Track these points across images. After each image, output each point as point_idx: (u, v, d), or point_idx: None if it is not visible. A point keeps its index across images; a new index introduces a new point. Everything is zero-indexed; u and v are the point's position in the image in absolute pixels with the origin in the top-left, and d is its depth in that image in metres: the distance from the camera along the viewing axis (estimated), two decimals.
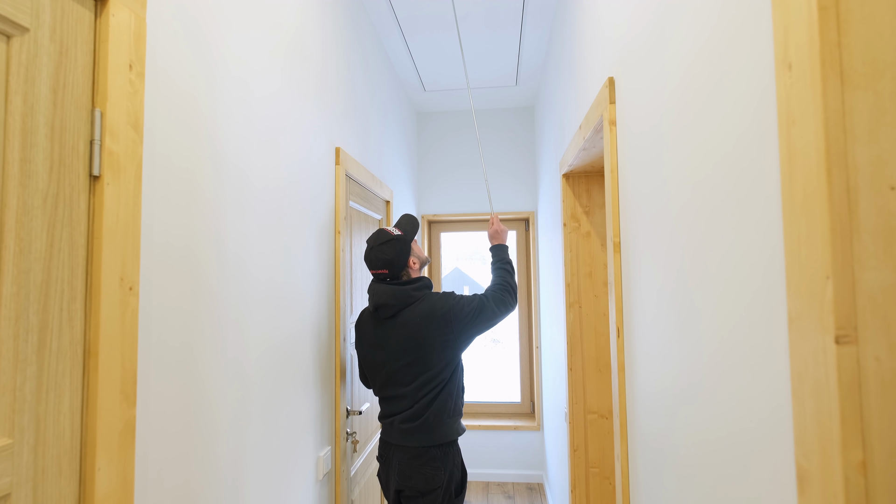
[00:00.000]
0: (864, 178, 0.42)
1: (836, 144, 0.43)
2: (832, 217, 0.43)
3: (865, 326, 0.42)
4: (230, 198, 1.10)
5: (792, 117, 0.47)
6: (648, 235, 1.01)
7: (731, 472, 0.66)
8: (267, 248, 1.28)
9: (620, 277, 1.22)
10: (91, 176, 0.72)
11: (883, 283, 0.42)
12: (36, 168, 0.64)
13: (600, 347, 2.07)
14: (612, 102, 1.25)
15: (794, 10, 0.47)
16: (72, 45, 0.69)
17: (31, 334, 0.63)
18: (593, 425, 2.05)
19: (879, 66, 0.43)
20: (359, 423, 2.04)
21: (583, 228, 2.12)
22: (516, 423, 3.55)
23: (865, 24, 0.43)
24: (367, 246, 1.71)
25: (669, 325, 0.90)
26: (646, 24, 1.00)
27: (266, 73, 1.29)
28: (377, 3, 2.32)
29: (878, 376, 0.41)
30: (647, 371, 1.04)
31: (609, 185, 1.25)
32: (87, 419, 0.70)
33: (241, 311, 1.14)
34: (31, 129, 0.63)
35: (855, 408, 0.41)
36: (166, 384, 0.87)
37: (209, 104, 1.02)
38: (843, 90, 0.43)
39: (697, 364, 0.78)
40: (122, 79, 0.76)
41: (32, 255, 0.63)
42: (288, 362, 1.40)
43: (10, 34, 0.61)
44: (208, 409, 0.99)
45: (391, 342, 1.63)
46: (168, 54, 0.89)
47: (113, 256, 0.73)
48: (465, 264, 12.81)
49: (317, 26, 1.70)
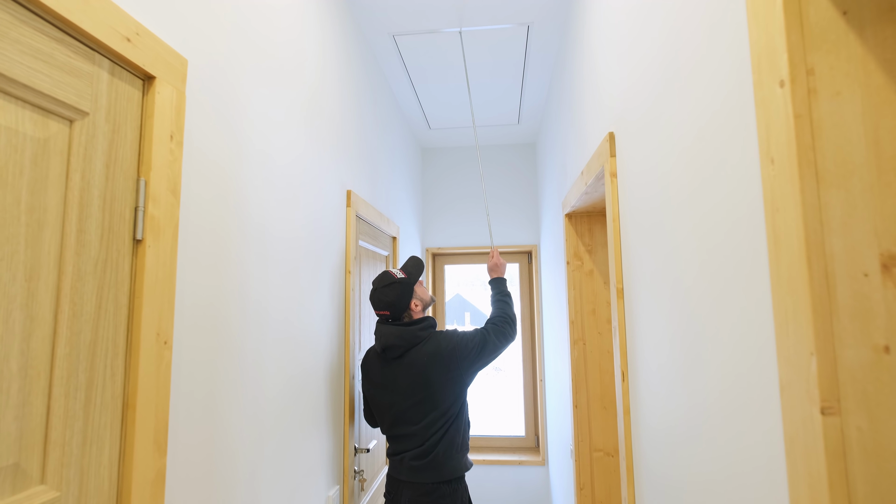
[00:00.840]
0: (840, 265, 0.48)
1: (814, 234, 0.49)
2: (813, 298, 0.48)
3: (847, 399, 0.46)
4: (254, 252, 1.16)
5: (776, 205, 0.53)
6: (652, 289, 1.06)
7: None
8: (284, 293, 1.33)
9: (624, 322, 1.27)
10: (134, 240, 0.78)
11: (861, 361, 0.47)
12: (90, 237, 0.70)
13: (605, 385, 2.09)
14: (612, 156, 1.32)
15: (774, 112, 0.53)
16: (123, 122, 0.77)
17: (80, 391, 0.68)
18: (599, 463, 2.06)
19: (849, 167, 0.49)
20: (366, 461, 2.05)
21: (586, 267, 2.18)
22: (521, 457, 3.53)
23: (836, 130, 0.49)
24: (372, 287, 1.77)
25: (673, 372, 0.94)
26: (645, 97, 1.08)
27: (286, 130, 1.37)
28: (387, 53, 2.43)
29: (860, 445, 0.46)
30: (651, 413, 1.08)
31: (611, 234, 1.31)
32: (123, 469, 0.74)
33: (261, 353, 1.18)
34: (87, 202, 0.69)
35: (841, 473, 0.46)
36: (192, 433, 0.91)
37: (235, 170, 1.09)
38: (819, 186, 0.49)
39: (699, 410, 0.82)
40: (164, 148, 0.83)
41: (83, 317, 0.68)
42: (300, 400, 1.43)
43: (73, 119, 0.68)
44: (228, 454, 1.03)
45: (399, 382, 1.67)
46: (197, 127, 0.96)
47: (151, 313, 0.79)
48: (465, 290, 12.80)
49: (333, 81, 1.79)
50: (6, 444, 0.58)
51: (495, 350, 1.71)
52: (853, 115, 0.49)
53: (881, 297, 0.47)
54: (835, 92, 0.50)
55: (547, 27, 2.24)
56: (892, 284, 0.47)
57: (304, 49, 1.53)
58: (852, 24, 0.50)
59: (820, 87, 0.50)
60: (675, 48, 0.89)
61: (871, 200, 0.48)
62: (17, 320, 0.59)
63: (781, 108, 0.52)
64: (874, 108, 0.49)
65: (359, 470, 1.89)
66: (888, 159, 0.48)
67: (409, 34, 2.29)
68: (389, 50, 2.42)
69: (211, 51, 1.00)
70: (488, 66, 2.62)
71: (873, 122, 0.49)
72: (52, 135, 0.65)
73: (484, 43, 2.38)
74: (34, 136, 0.62)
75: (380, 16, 2.14)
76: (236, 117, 1.10)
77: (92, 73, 0.71)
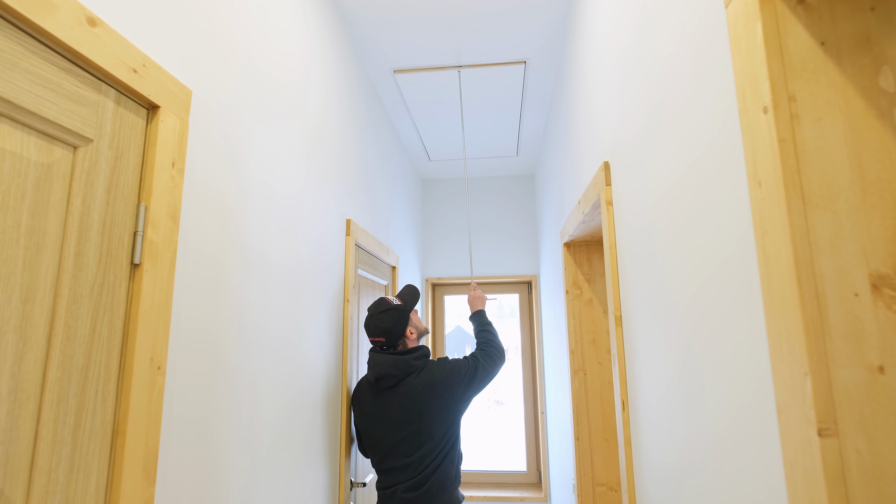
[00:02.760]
0: (831, 285, 0.48)
1: (803, 255, 0.49)
2: (805, 319, 0.48)
3: (844, 420, 0.46)
4: (254, 279, 1.16)
5: (765, 227, 0.54)
6: (649, 318, 1.06)
7: None
8: (283, 321, 1.33)
9: (623, 350, 1.26)
10: (132, 264, 0.79)
11: (856, 381, 0.46)
12: (87, 261, 0.70)
13: (606, 416, 2.05)
14: (608, 184, 1.34)
15: (759, 137, 0.55)
16: (126, 149, 0.78)
17: (70, 416, 0.67)
18: (602, 498, 2.00)
19: (834, 189, 0.50)
20: (362, 497, 1.99)
21: (585, 296, 2.17)
22: (522, 493, 3.42)
23: (819, 154, 0.50)
24: (367, 313, 1.76)
25: (674, 404, 0.93)
26: (637, 132, 1.11)
27: (289, 162, 1.40)
28: (388, 88, 2.50)
29: (859, 467, 0.45)
30: (653, 443, 1.05)
31: (608, 261, 1.31)
32: (110, 499, 0.72)
33: (257, 378, 1.17)
34: (86, 226, 0.70)
35: (841, 497, 0.45)
36: (184, 457, 0.89)
37: (236, 199, 1.11)
38: (806, 209, 0.50)
39: (703, 442, 0.80)
40: (165, 175, 0.85)
41: (77, 340, 0.68)
42: (295, 427, 1.40)
43: (77, 145, 0.70)
44: (220, 480, 1.00)
45: (392, 413, 1.64)
46: (200, 156, 0.99)
47: (146, 338, 0.79)
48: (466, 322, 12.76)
49: (335, 115, 1.84)
50: None
51: (486, 375, 1.72)
52: (835, 140, 0.51)
53: (872, 316, 0.47)
54: (816, 117, 0.51)
55: (543, 64, 2.31)
56: (882, 304, 0.47)
57: (308, 85, 1.57)
58: (830, 54, 0.52)
59: (802, 112, 0.52)
60: (662, 86, 0.91)
61: (857, 221, 0.49)
62: (9, 342, 0.59)
63: (766, 132, 0.53)
64: (855, 133, 0.50)
65: None
66: (872, 182, 0.49)
67: (409, 71, 2.36)
68: (390, 85, 2.49)
69: (215, 85, 1.03)
70: (487, 101, 2.69)
71: (855, 146, 0.50)
72: (55, 160, 0.66)
73: (482, 79, 2.45)
74: (38, 161, 0.64)
75: (381, 53, 2.21)
76: (239, 149, 1.13)
77: (98, 102, 0.73)
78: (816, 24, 0.53)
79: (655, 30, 0.95)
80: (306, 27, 1.58)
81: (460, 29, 2.04)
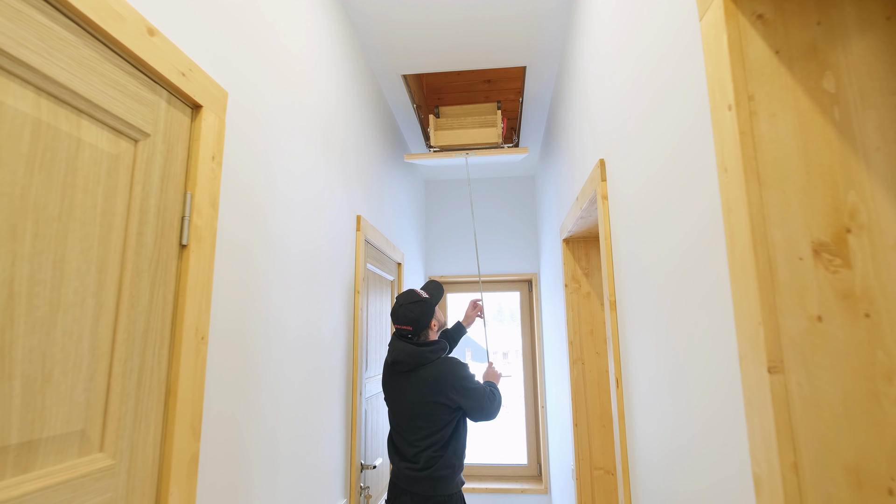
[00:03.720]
0: (780, 251, 0.59)
1: (758, 227, 0.60)
2: (759, 279, 0.58)
3: (789, 360, 0.56)
4: (275, 268, 1.27)
5: (730, 206, 0.65)
6: (639, 298, 1.16)
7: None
8: (300, 309, 1.43)
9: (617, 332, 1.36)
10: (181, 245, 0.89)
11: (799, 328, 0.57)
12: (146, 239, 0.81)
13: (603, 403, 2.15)
14: (603, 180, 1.45)
15: (725, 130, 0.65)
16: (175, 143, 0.89)
17: (134, 373, 0.77)
18: (600, 481, 2.09)
19: (784, 173, 0.60)
20: (372, 478, 2.09)
21: (583, 289, 2.27)
22: (523, 485, 3.52)
23: (773, 144, 0.61)
24: (396, 303, 1.88)
25: (664, 383, 1.03)
26: (629, 125, 1.22)
27: (304, 158, 1.50)
28: (395, 91, 2.61)
29: (800, 396, 0.55)
30: (645, 423, 1.16)
31: (604, 251, 1.42)
32: (164, 449, 0.83)
33: (281, 354, 1.27)
34: (145, 209, 0.81)
35: (786, 422, 0.55)
36: (221, 416, 0.99)
37: (263, 192, 1.21)
38: (761, 189, 0.60)
39: (687, 426, 0.90)
40: (207, 167, 0.95)
41: (139, 308, 0.78)
42: (311, 408, 1.51)
43: (138, 139, 0.80)
44: (248, 452, 1.10)
45: (404, 396, 1.78)
46: (233, 151, 1.09)
47: (192, 310, 0.89)
48: None
49: (344, 114, 1.94)
50: (77, 410, 0.67)
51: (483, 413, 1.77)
52: (786, 132, 0.61)
53: (813, 276, 0.57)
54: (771, 114, 0.62)
55: (543, 68, 2.42)
56: (821, 266, 0.57)
57: (322, 88, 1.68)
58: (783, 61, 0.63)
59: (759, 109, 0.62)
60: (651, 87, 1.02)
61: (802, 199, 0.59)
62: (90, 306, 0.70)
63: (730, 126, 0.64)
64: (802, 127, 0.61)
65: (364, 486, 1.93)
66: (815, 166, 0.60)
67: (416, 72, 2.47)
68: (397, 88, 2.60)
69: (246, 87, 1.14)
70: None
71: (802, 137, 0.61)
72: (122, 151, 0.77)
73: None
74: (109, 152, 0.74)
75: (389, 56, 2.32)
76: (265, 144, 1.23)
77: (154, 102, 0.83)
78: (772, 36, 0.64)
79: (644, 39, 1.06)
80: (319, 33, 1.69)
81: (464, 39, 2.15)
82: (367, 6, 1.96)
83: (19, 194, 0.60)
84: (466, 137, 2.41)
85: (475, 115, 2.46)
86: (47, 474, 0.62)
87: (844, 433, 0.54)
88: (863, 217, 0.58)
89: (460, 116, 2.49)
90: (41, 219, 0.63)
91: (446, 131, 2.48)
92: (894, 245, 0.57)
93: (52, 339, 0.64)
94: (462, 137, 2.41)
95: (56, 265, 0.65)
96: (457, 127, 2.46)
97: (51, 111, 0.65)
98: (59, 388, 0.65)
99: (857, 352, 0.55)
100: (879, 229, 0.57)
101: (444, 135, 2.48)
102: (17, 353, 0.59)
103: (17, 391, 0.59)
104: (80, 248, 0.68)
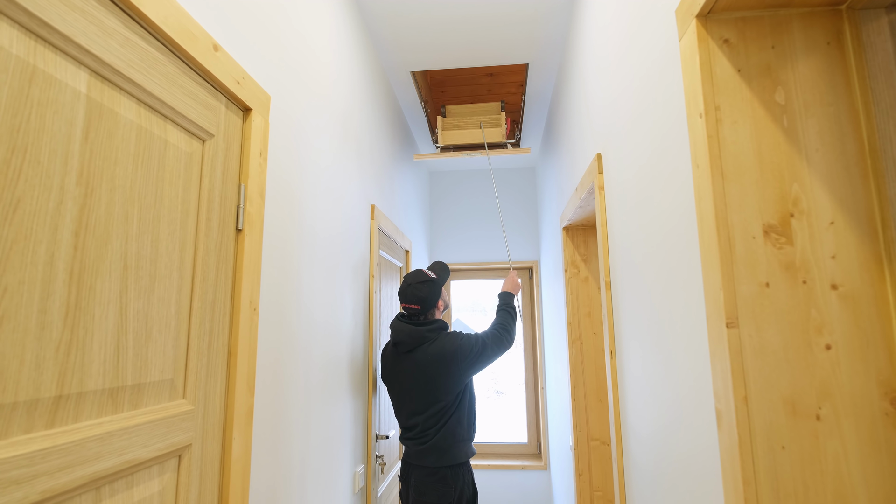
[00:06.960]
0: (737, 231, 0.74)
1: (720, 212, 0.74)
2: (721, 254, 0.74)
3: (742, 317, 0.71)
4: (307, 249, 1.42)
5: (700, 195, 0.80)
6: (629, 277, 1.31)
7: (692, 489, 0.93)
8: (325, 295, 1.58)
9: (612, 309, 1.52)
10: (237, 229, 1.04)
11: (751, 292, 0.72)
12: (213, 224, 0.96)
13: (600, 380, 2.32)
14: (600, 172, 1.59)
15: (697, 134, 0.80)
16: (231, 142, 1.03)
17: (205, 336, 0.92)
18: (596, 451, 2.26)
19: (742, 169, 0.75)
20: (385, 447, 2.25)
21: (581, 274, 2.43)
22: (524, 462, 3.70)
23: (734, 146, 0.76)
24: (404, 282, 1.98)
25: (651, 346, 1.19)
26: (622, 124, 1.36)
27: (327, 153, 1.65)
28: (404, 86, 2.74)
29: (750, 346, 0.71)
30: (635, 386, 1.31)
31: (600, 237, 1.57)
32: (228, 401, 0.98)
33: (311, 328, 1.42)
34: (211, 198, 0.95)
35: (739, 365, 0.71)
36: (266, 377, 1.15)
37: (297, 184, 1.36)
38: (724, 182, 0.75)
39: (676, 401, 1.06)
40: (256, 162, 1.10)
41: (208, 282, 0.94)
42: (333, 384, 1.67)
43: (205, 139, 0.95)
44: (288, 414, 1.26)
45: (406, 375, 1.89)
46: (274, 148, 1.23)
47: (247, 285, 1.04)
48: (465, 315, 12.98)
49: (358, 110, 2.08)
50: (168, 363, 0.82)
51: (490, 357, 1.89)
52: (745, 136, 0.76)
53: (763, 251, 0.72)
54: (733, 121, 0.76)
55: (545, 65, 2.55)
56: (770, 243, 0.72)
57: (341, 87, 1.82)
58: (744, 78, 0.77)
59: (724, 117, 0.77)
60: (640, 92, 1.16)
61: (756, 190, 0.74)
62: (174, 278, 0.85)
63: (701, 131, 0.79)
64: (757, 132, 0.75)
65: (379, 455, 2.10)
66: (766, 164, 0.74)
67: (425, 69, 2.60)
68: (406, 84, 2.73)
69: (283, 91, 1.28)
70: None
71: (757, 140, 0.75)
72: (194, 150, 0.91)
73: None
74: (185, 151, 0.89)
75: (399, 54, 2.44)
76: (297, 141, 1.37)
77: (216, 107, 0.98)
78: (735, 57, 0.78)
79: (635, 49, 1.20)
80: (339, 35, 1.82)
81: (471, 38, 2.28)
82: (380, 5, 2.09)
83: (129, 186, 0.75)
84: (472, 137, 2.54)
85: (480, 114, 2.60)
86: (150, 412, 0.78)
87: (784, 373, 0.70)
88: (803, 204, 0.73)
89: (466, 116, 2.63)
90: (143, 206, 0.78)
91: (452, 131, 2.62)
92: (827, 227, 0.72)
93: (151, 303, 0.79)
94: (468, 137, 2.54)
95: (153, 244, 0.79)
96: (462, 126, 2.60)
97: (147, 118, 0.79)
98: (157, 344, 0.80)
99: (795, 310, 0.71)
100: (816, 214, 0.72)
101: (450, 134, 2.62)
102: (129, 313, 0.74)
103: (131, 343, 0.74)
104: (168, 231, 0.83)
